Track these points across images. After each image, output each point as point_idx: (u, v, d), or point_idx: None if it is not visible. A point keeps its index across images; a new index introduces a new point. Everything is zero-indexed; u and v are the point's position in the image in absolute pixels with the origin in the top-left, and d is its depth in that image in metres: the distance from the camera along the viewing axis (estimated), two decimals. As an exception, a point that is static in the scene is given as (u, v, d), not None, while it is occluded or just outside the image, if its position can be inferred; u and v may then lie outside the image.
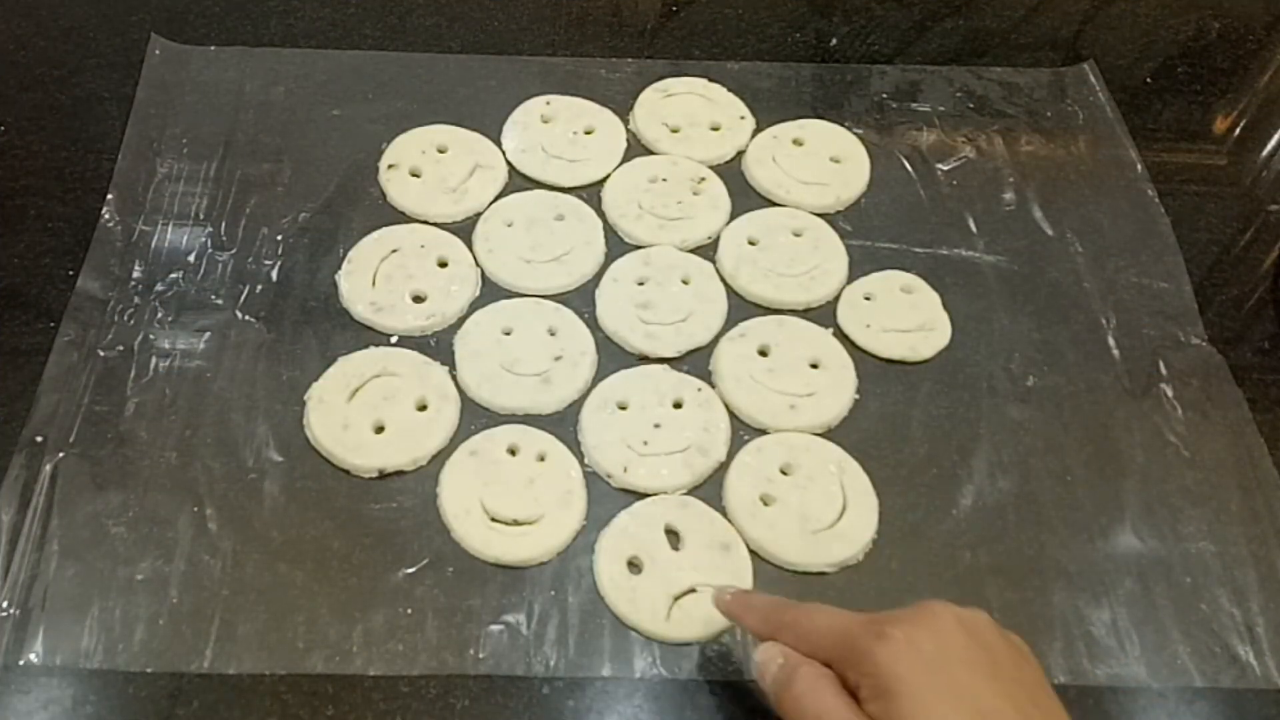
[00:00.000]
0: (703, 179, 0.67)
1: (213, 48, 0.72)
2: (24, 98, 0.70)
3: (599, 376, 0.58)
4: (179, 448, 0.54)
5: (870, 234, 0.65)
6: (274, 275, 0.61)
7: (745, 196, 0.67)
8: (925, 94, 0.73)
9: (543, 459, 0.54)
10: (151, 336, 0.58)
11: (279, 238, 0.63)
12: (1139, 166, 0.69)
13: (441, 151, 0.67)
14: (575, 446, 0.55)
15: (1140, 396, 0.58)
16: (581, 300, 0.61)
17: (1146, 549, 0.53)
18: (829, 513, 0.53)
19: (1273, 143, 0.73)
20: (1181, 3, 0.82)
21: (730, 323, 0.60)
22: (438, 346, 0.59)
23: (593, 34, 0.76)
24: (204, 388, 0.56)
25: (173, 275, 0.61)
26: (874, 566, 0.52)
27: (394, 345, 0.59)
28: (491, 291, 0.61)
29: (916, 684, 0.37)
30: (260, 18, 0.75)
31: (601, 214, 0.65)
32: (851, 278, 0.63)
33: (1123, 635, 0.50)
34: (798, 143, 0.69)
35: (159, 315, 0.59)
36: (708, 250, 0.64)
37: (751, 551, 0.52)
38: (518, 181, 0.67)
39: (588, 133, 0.69)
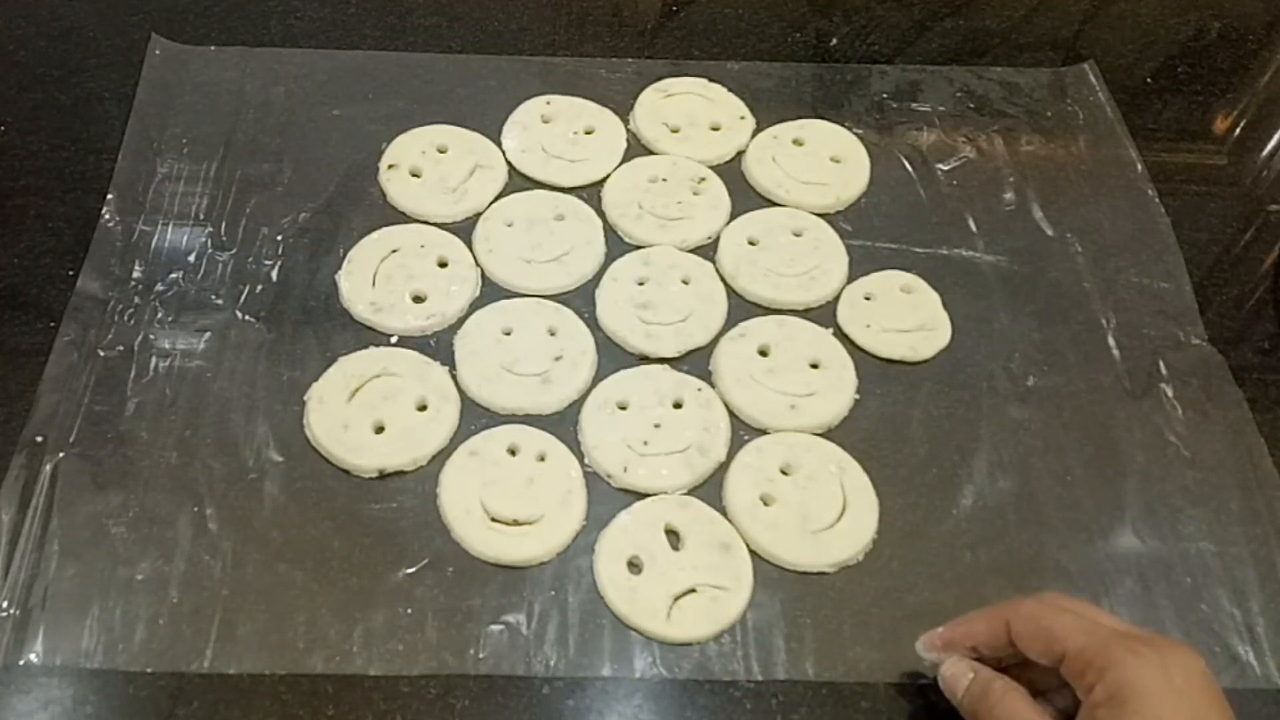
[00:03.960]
0: (703, 179, 0.67)
1: (213, 48, 0.72)
2: (24, 98, 0.70)
3: (599, 376, 0.58)
4: (179, 448, 0.54)
5: (870, 234, 0.65)
6: (274, 275, 0.61)
7: (745, 196, 0.67)
8: (925, 94, 0.73)
9: (543, 459, 0.54)
10: (151, 336, 0.58)
11: (279, 238, 0.63)
12: (1139, 166, 0.69)
13: (441, 151, 0.67)
14: (575, 446, 0.55)
15: (1140, 396, 0.58)
16: (581, 300, 0.61)
17: (1146, 549, 0.53)
18: (829, 513, 0.53)
19: (1273, 143, 0.73)
20: (1181, 3, 0.82)
21: (730, 323, 0.60)
22: (438, 346, 0.59)
23: (593, 34, 0.76)
24: (204, 388, 0.56)
25: (173, 275, 0.61)
26: (874, 566, 0.52)
27: (394, 345, 0.59)
28: (491, 291, 0.61)
29: (1158, 706, 0.38)
30: (260, 18, 0.75)
31: (601, 214, 0.65)
32: (851, 278, 0.63)
33: (1123, 635, 0.50)
34: (798, 143, 0.69)
35: (159, 315, 0.59)
36: (708, 250, 0.64)
37: (751, 551, 0.52)
38: (518, 181, 0.67)
39: (588, 133, 0.69)
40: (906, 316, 0.61)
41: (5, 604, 0.48)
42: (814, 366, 0.58)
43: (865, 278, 0.63)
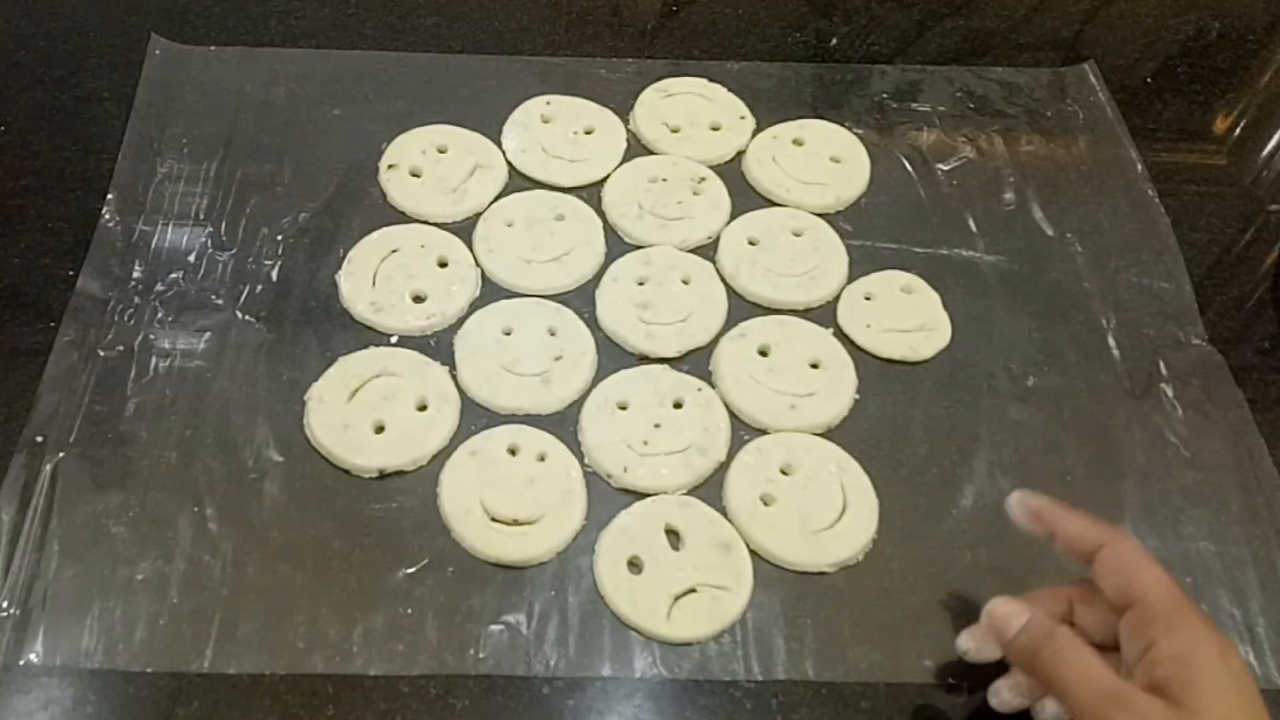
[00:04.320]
0: (703, 179, 0.67)
1: (213, 48, 0.72)
2: (24, 98, 0.70)
3: (599, 376, 0.58)
4: (179, 448, 0.54)
5: (870, 234, 0.65)
6: (274, 275, 0.61)
7: (745, 196, 0.67)
8: (925, 94, 0.73)
9: (543, 459, 0.54)
10: (151, 336, 0.58)
11: (279, 238, 0.63)
12: (1139, 166, 0.69)
13: (441, 151, 0.67)
14: (575, 446, 0.55)
15: (1140, 396, 0.58)
16: (581, 300, 0.61)
17: (1146, 549, 0.53)
18: (829, 513, 0.53)
19: (1273, 143, 0.73)
20: (1181, 3, 0.82)
21: (730, 323, 0.60)
22: (438, 346, 0.59)
23: (593, 34, 0.77)
24: (204, 388, 0.56)
25: (173, 275, 0.61)
26: (874, 566, 0.52)
27: (394, 345, 0.59)
28: (491, 291, 0.61)
29: (1223, 684, 0.38)
30: (260, 18, 0.75)
31: (601, 214, 0.65)
32: (851, 278, 0.63)
33: (1123, 635, 0.50)
34: (798, 143, 0.69)
35: (159, 315, 0.59)
36: (708, 250, 0.64)
37: (751, 551, 0.52)
38: (518, 181, 0.67)
39: (588, 133, 0.69)
40: (906, 316, 0.61)
41: (5, 604, 0.48)
42: (814, 366, 0.58)
43: (865, 278, 0.63)
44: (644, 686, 0.48)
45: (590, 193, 0.66)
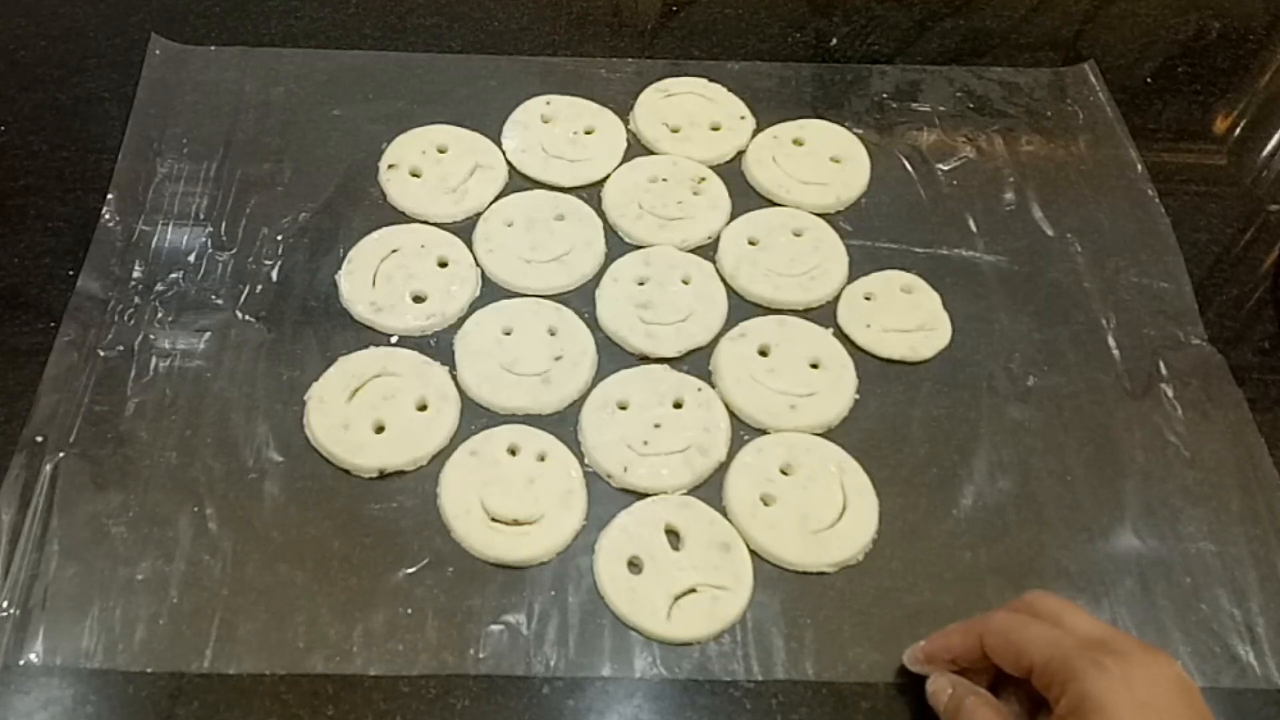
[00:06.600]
0: (703, 179, 0.67)
1: (213, 48, 0.72)
2: (24, 98, 0.70)
3: (599, 376, 0.58)
4: (179, 448, 0.54)
5: (870, 234, 0.65)
6: (274, 275, 0.61)
7: (745, 196, 0.67)
8: (925, 94, 0.73)
9: (543, 459, 0.54)
10: (151, 336, 0.58)
11: (279, 238, 0.63)
12: (1139, 166, 0.69)
13: (441, 151, 0.67)
14: (575, 446, 0.55)
15: (1140, 396, 0.58)
16: (581, 300, 0.61)
17: (1146, 549, 0.53)
18: (829, 513, 0.53)
19: (1273, 143, 0.73)
20: (1181, 3, 0.82)
21: (730, 323, 0.60)
22: (438, 346, 0.59)
23: (593, 34, 0.77)
24: (204, 388, 0.56)
25: (173, 275, 0.61)
26: (874, 566, 0.52)
27: (394, 345, 0.59)
28: (491, 291, 0.61)
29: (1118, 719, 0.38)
30: (260, 18, 0.75)
31: (601, 214, 0.65)
32: (852, 278, 0.63)
33: (1123, 635, 0.50)
34: (798, 143, 0.69)
35: (159, 315, 0.59)
36: (708, 250, 0.64)
37: (751, 551, 0.52)
38: (518, 181, 0.67)
39: (588, 133, 0.69)
40: (906, 316, 0.61)
41: (5, 604, 0.48)
42: (814, 366, 0.58)
43: (865, 278, 0.63)
44: (644, 686, 0.48)
45: (590, 193, 0.66)
